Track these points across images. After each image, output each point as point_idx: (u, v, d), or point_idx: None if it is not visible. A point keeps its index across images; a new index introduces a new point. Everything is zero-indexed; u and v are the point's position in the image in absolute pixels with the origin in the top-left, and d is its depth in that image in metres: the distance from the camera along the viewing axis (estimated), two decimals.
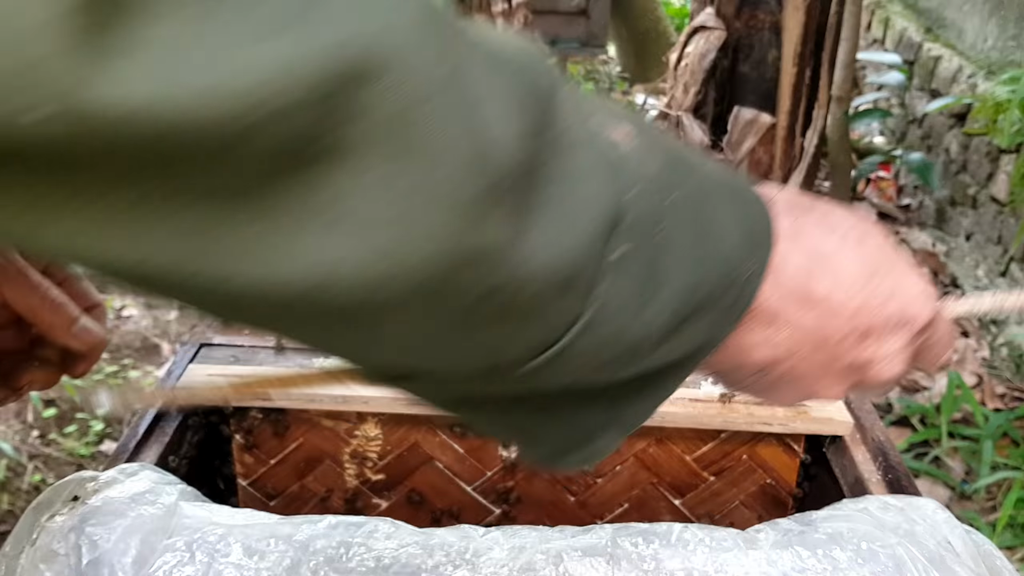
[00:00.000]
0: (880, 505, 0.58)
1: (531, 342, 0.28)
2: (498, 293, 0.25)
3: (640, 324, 0.29)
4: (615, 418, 0.35)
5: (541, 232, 0.25)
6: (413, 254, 0.22)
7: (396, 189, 0.21)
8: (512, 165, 0.23)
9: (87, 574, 0.53)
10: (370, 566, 0.54)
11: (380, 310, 0.24)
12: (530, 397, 0.31)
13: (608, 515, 0.78)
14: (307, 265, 0.21)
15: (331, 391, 0.71)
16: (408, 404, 0.71)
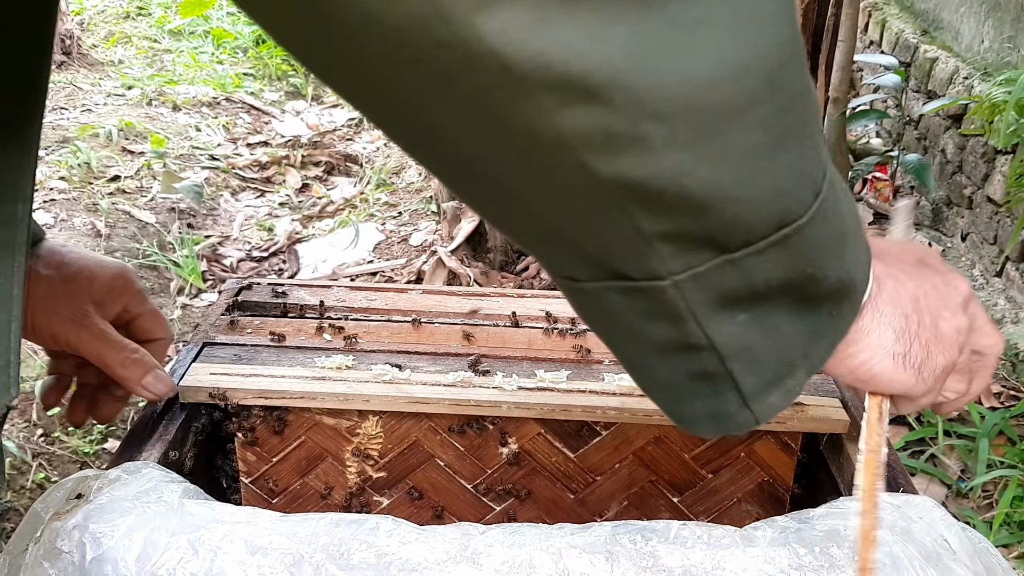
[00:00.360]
0: None
1: (804, 187, 0.35)
2: (802, 96, 0.34)
3: (841, 219, 0.38)
4: (811, 340, 0.40)
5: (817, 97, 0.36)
6: (759, 52, 0.31)
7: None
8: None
9: (91, 571, 0.53)
10: (371, 563, 0.54)
11: (742, 105, 0.31)
12: (762, 290, 0.36)
13: (607, 512, 0.78)
14: (708, 62, 0.30)
15: (333, 389, 0.72)
16: (408, 402, 0.72)
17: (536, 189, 0.33)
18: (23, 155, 0.44)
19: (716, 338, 0.37)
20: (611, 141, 0.30)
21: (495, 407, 0.72)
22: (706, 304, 0.36)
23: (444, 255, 1.95)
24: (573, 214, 0.33)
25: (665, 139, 0.30)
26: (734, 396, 0.39)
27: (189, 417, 0.72)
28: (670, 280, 0.34)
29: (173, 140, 2.78)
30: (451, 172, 0.35)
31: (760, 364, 0.39)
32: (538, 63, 0.28)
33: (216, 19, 3.76)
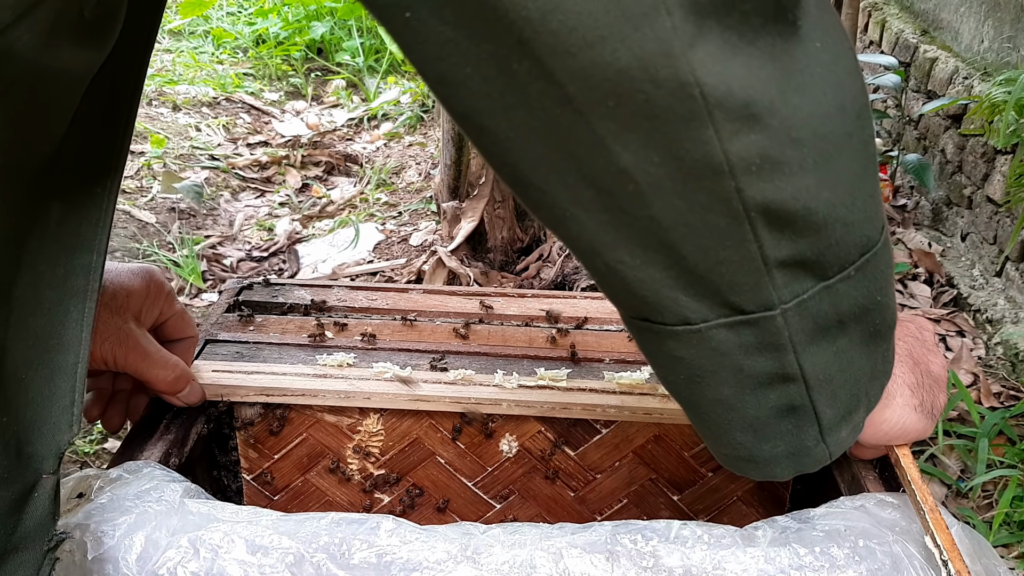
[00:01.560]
0: (877, 503, 0.59)
1: (879, 216, 0.40)
2: (873, 135, 0.40)
3: (892, 260, 0.43)
4: (871, 377, 0.45)
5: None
6: (849, 95, 0.37)
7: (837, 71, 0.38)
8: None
9: (92, 571, 0.54)
10: (372, 563, 0.54)
11: (844, 137, 0.37)
12: (844, 317, 0.41)
13: (607, 511, 0.78)
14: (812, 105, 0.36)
15: (334, 387, 0.72)
16: (409, 400, 0.72)
17: (685, 220, 0.37)
18: (100, 210, 0.47)
19: (806, 367, 0.41)
20: (764, 165, 0.35)
21: (495, 405, 0.72)
22: (804, 332, 0.40)
23: (444, 255, 1.95)
24: (711, 245, 0.38)
25: (800, 163, 0.36)
26: (813, 430, 0.43)
27: (190, 416, 0.72)
28: (780, 309, 0.39)
29: (173, 140, 2.78)
30: (602, 224, 0.38)
31: (836, 397, 0.43)
32: (725, 91, 0.33)
33: (216, 19, 3.76)
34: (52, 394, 0.46)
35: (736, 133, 0.34)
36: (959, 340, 1.96)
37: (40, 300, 0.45)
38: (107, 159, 0.47)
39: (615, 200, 0.37)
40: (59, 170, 0.44)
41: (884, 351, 0.45)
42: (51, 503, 0.47)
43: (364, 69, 3.38)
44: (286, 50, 3.47)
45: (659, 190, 0.36)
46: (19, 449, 0.44)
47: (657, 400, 0.72)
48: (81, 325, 0.47)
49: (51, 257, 0.45)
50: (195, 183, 2.52)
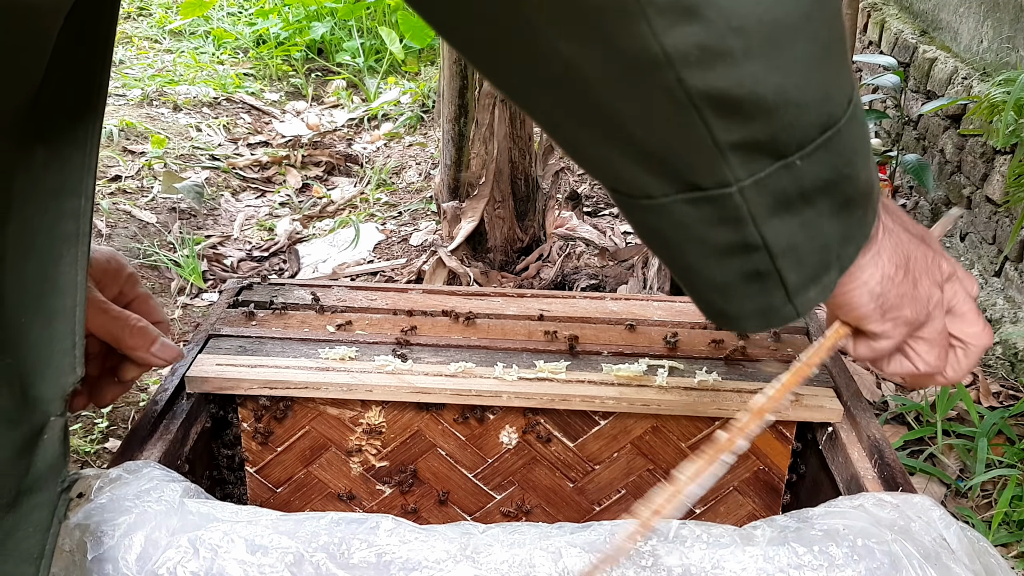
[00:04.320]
0: (876, 502, 0.59)
1: (841, 93, 0.41)
2: (838, 14, 0.40)
3: (865, 125, 0.43)
4: (843, 241, 0.46)
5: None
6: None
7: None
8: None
9: (92, 571, 0.54)
10: (372, 562, 0.54)
11: (799, 19, 0.37)
12: (809, 191, 0.42)
13: (605, 501, 0.79)
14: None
15: (336, 379, 0.73)
16: (410, 392, 0.72)
17: (634, 108, 0.39)
18: (84, 154, 0.47)
19: (769, 238, 0.43)
20: (703, 55, 0.36)
21: (496, 397, 0.72)
22: (764, 207, 0.41)
23: (444, 255, 1.95)
24: (662, 130, 0.39)
25: (744, 51, 0.36)
26: (780, 292, 0.45)
27: (190, 415, 0.72)
28: (736, 187, 0.41)
29: (174, 140, 2.78)
30: (558, 109, 0.41)
31: (803, 262, 0.44)
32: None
33: (217, 19, 3.77)
34: (52, 337, 0.47)
35: (671, 26, 0.35)
36: None
37: (32, 245, 0.45)
38: (87, 102, 0.47)
39: (566, 88, 0.39)
40: (40, 115, 0.45)
41: (860, 217, 0.46)
42: (61, 445, 0.47)
43: (364, 69, 3.38)
44: (286, 50, 3.47)
45: (604, 82, 0.38)
46: (24, 391, 0.45)
47: (655, 392, 0.72)
48: (75, 269, 0.47)
49: (39, 202, 0.46)
50: (196, 183, 2.52)
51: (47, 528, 0.47)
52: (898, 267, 0.49)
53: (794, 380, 0.54)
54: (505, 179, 1.91)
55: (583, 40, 0.36)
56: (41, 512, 0.46)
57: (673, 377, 0.75)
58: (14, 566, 0.45)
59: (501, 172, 1.90)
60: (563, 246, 1.99)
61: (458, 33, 0.40)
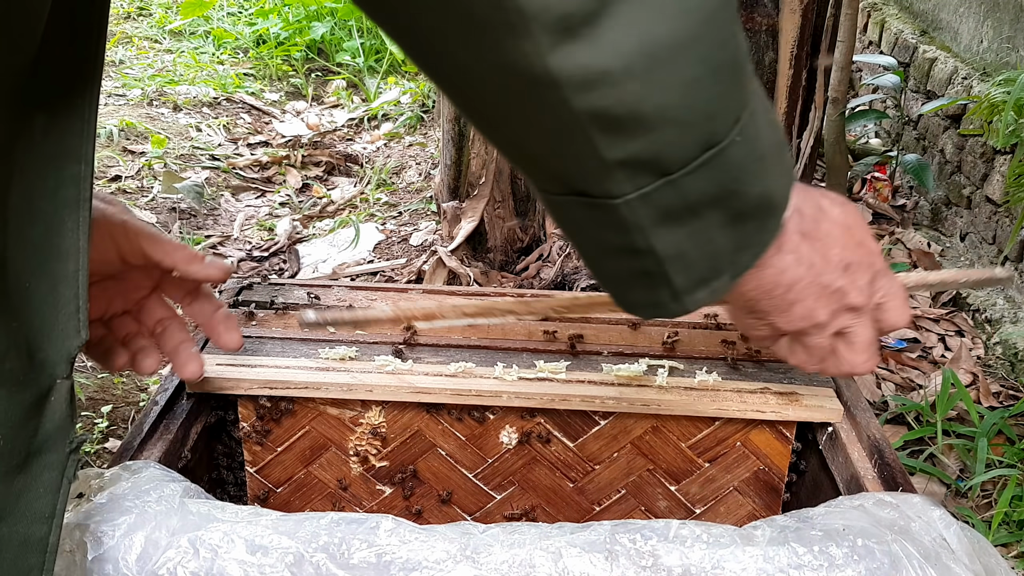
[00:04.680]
0: (876, 502, 0.59)
1: (727, 114, 0.43)
2: (733, 37, 0.42)
3: (760, 144, 0.45)
4: (736, 250, 0.48)
5: (743, 39, 0.44)
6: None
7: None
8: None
9: (92, 570, 0.54)
10: (372, 562, 0.54)
11: (685, 41, 0.39)
12: (695, 205, 0.44)
13: (606, 501, 0.79)
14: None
15: (336, 379, 0.73)
16: (410, 392, 0.72)
17: (523, 119, 0.41)
18: (83, 120, 0.48)
19: (657, 245, 0.45)
20: (587, 75, 0.38)
21: (496, 397, 0.72)
22: (650, 218, 0.44)
23: (444, 255, 1.95)
24: (550, 142, 0.42)
25: (626, 71, 0.38)
26: (668, 291, 0.48)
27: (190, 415, 0.72)
28: (622, 199, 0.43)
29: (174, 140, 2.78)
30: (462, 100, 0.43)
31: (691, 267, 0.47)
32: (540, 6, 0.36)
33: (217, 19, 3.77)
34: (57, 301, 0.48)
35: (554, 46, 0.37)
36: (958, 340, 1.96)
37: (35, 211, 0.47)
38: (84, 70, 0.48)
39: (465, 90, 0.42)
40: (38, 82, 0.46)
41: (756, 227, 0.48)
42: (68, 407, 0.49)
43: (364, 69, 3.38)
44: (286, 50, 3.47)
45: (496, 90, 0.40)
46: (31, 354, 0.46)
47: (655, 392, 0.72)
48: (77, 234, 0.48)
49: (40, 168, 0.47)
50: (196, 183, 2.52)
51: (57, 488, 0.47)
52: (777, 285, 0.52)
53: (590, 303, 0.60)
54: (505, 179, 1.91)
55: (474, 50, 0.38)
56: (51, 473, 0.47)
57: (673, 377, 0.75)
58: (27, 525, 0.46)
59: (501, 172, 1.90)
60: (563, 246, 1.99)
61: (384, 23, 0.42)
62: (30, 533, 0.46)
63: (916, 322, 2.02)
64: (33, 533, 0.46)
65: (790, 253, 0.51)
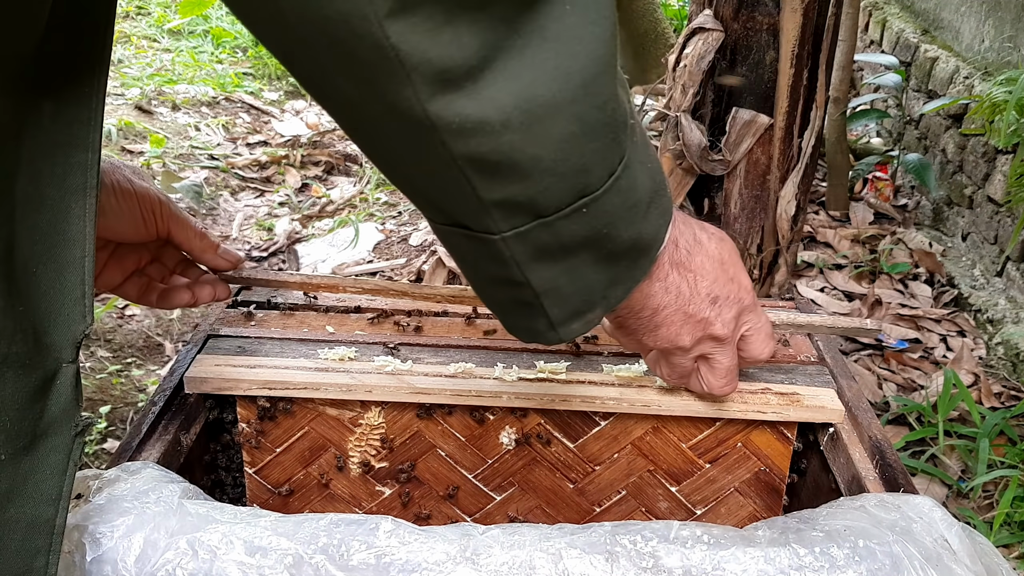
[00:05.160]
0: (877, 503, 0.59)
1: (601, 168, 0.46)
2: (611, 100, 0.44)
3: (634, 193, 0.49)
4: (609, 285, 0.52)
5: (625, 100, 0.47)
6: (580, 63, 0.41)
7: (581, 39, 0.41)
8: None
9: (91, 572, 0.53)
10: (371, 564, 0.54)
11: (562, 102, 0.41)
12: (569, 245, 0.47)
13: (606, 502, 0.78)
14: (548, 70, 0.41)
15: (336, 380, 0.72)
16: (410, 392, 0.72)
17: (405, 156, 0.44)
18: (89, 109, 0.49)
19: (532, 279, 0.48)
20: (464, 123, 0.40)
21: (496, 397, 0.72)
22: (526, 254, 0.47)
23: (444, 255, 1.95)
24: (431, 178, 0.44)
25: (503, 123, 0.41)
26: (544, 321, 0.51)
27: (189, 416, 0.72)
28: (499, 236, 0.46)
29: (172, 140, 2.78)
30: (352, 132, 0.45)
31: (565, 301, 0.50)
32: (421, 58, 0.38)
33: (215, 19, 3.76)
34: (63, 287, 0.49)
35: (434, 96, 0.39)
36: (960, 340, 1.96)
37: (42, 197, 0.47)
38: (91, 58, 0.49)
39: (352, 121, 0.44)
40: (45, 69, 0.47)
41: (627, 266, 0.52)
42: (73, 391, 0.49)
43: None
44: None
45: (379, 126, 0.42)
46: (37, 338, 0.47)
47: (655, 392, 0.72)
48: (83, 221, 0.49)
49: (48, 155, 0.47)
50: (194, 183, 2.52)
51: (63, 471, 0.48)
52: (644, 307, 0.57)
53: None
54: None
55: (357, 85, 0.40)
56: (57, 455, 0.48)
57: None
58: (34, 507, 0.47)
59: None
60: None
61: (266, 44, 0.43)
62: (37, 514, 0.47)
63: (918, 322, 2.02)
64: (40, 515, 0.47)
65: (659, 281, 0.56)
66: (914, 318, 2.02)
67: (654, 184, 0.51)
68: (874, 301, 2.05)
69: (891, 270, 2.19)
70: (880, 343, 1.92)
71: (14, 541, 0.46)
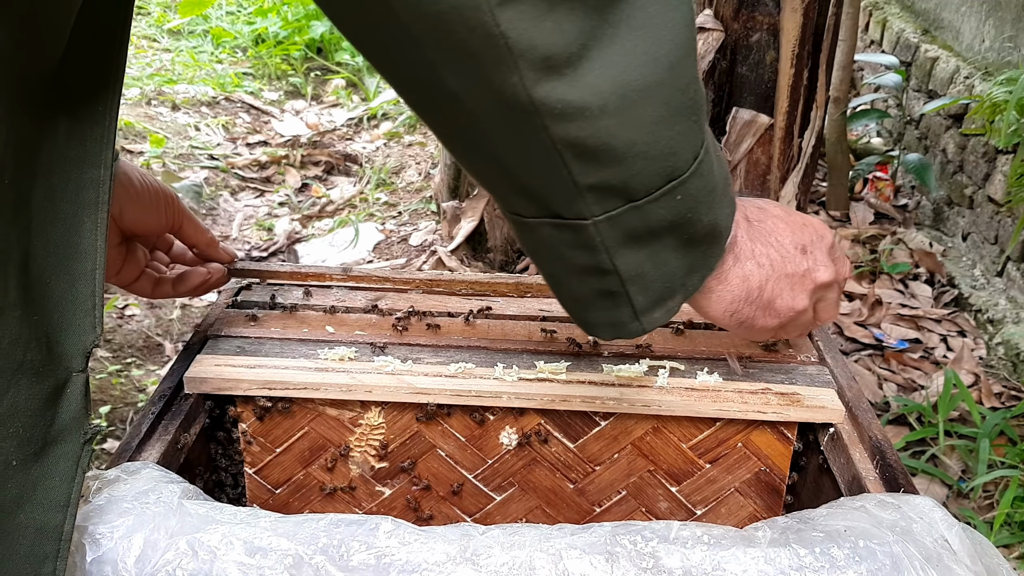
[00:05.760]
0: (877, 503, 0.59)
1: (687, 151, 0.47)
2: (693, 82, 0.46)
3: (713, 178, 0.50)
4: (688, 272, 0.53)
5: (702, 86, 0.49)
6: (666, 48, 0.44)
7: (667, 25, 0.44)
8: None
9: (91, 572, 0.53)
10: (371, 564, 0.54)
11: (652, 85, 0.43)
12: (655, 230, 0.49)
13: (606, 502, 0.78)
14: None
15: (335, 380, 0.72)
16: (410, 392, 0.72)
17: (507, 143, 0.45)
18: (103, 127, 0.51)
19: (620, 265, 0.50)
20: (566, 109, 0.42)
21: (496, 397, 0.72)
22: (615, 239, 0.48)
23: (444, 255, 1.95)
24: (529, 165, 0.46)
25: (600, 108, 0.43)
26: (628, 310, 0.52)
27: (189, 416, 0.72)
28: (591, 220, 0.47)
29: (172, 140, 2.78)
30: (449, 129, 0.47)
31: (649, 287, 0.52)
32: (528, 45, 0.40)
33: (215, 18, 3.76)
34: (75, 298, 0.50)
35: (539, 81, 0.41)
36: (960, 340, 1.95)
37: (56, 211, 0.49)
38: (105, 78, 0.51)
39: (451, 115, 0.45)
40: (62, 87, 0.48)
41: (704, 251, 0.53)
42: (83, 399, 0.51)
43: (364, 68, 3.38)
44: (285, 49, 3.46)
45: (482, 115, 0.44)
46: (50, 347, 0.49)
47: (656, 393, 0.72)
48: (95, 234, 0.51)
49: (62, 171, 0.49)
50: (194, 183, 2.52)
51: (72, 478, 0.49)
52: (750, 290, 0.58)
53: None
54: None
55: (464, 77, 0.42)
56: (66, 462, 0.49)
57: (674, 378, 0.74)
58: (43, 513, 0.48)
59: None
60: None
61: (365, 48, 0.45)
62: (46, 520, 0.48)
63: (918, 322, 2.01)
64: (49, 521, 0.48)
65: (749, 260, 0.57)
66: (914, 318, 2.02)
67: (723, 171, 0.53)
68: (874, 301, 2.05)
69: (891, 270, 2.18)
70: (880, 343, 1.92)
71: (23, 547, 0.47)
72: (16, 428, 0.46)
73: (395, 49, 0.42)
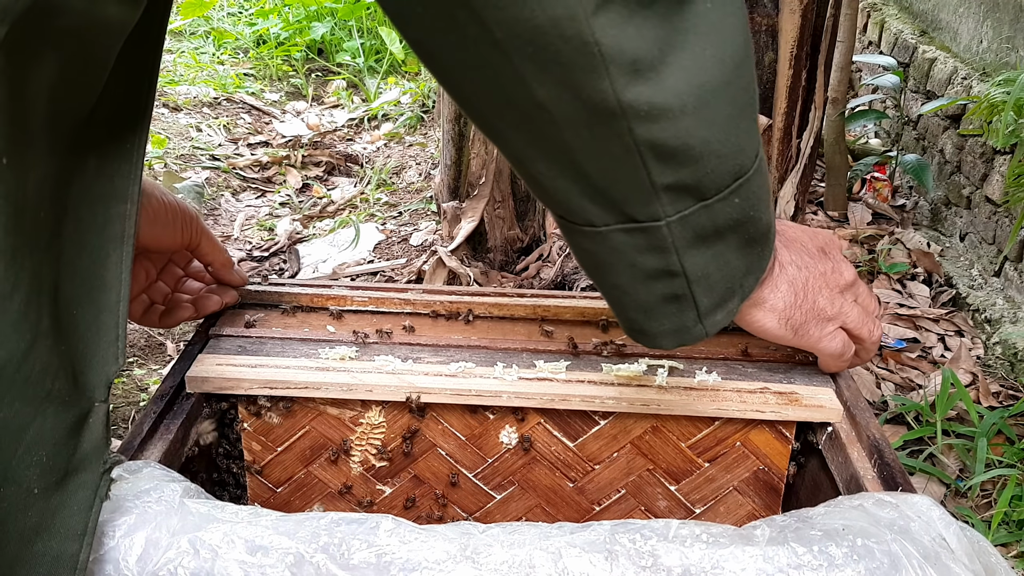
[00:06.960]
0: (875, 502, 0.59)
1: (751, 148, 0.50)
2: (753, 81, 0.49)
3: (767, 175, 0.51)
4: (746, 273, 0.55)
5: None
6: (729, 50, 0.46)
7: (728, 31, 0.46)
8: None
9: (93, 572, 0.54)
10: (372, 563, 0.54)
11: (721, 85, 0.46)
12: (721, 229, 0.51)
13: (605, 501, 0.79)
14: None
15: (336, 379, 0.73)
16: (410, 391, 0.72)
17: (589, 148, 0.46)
18: (131, 164, 0.52)
19: (687, 266, 0.51)
20: (651, 110, 0.44)
21: (495, 397, 0.72)
22: (685, 239, 0.50)
23: (444, 255, 1.95)
24: (609, 169, 0.47)
25: (681, 108, 0.45)
26: (693, 313, 0.54)
27: (191, 415, 0.72)
28: (665, 221, 0.49)
29: (174, 140, 2.78)
30: (525, 142, 0.48)
31: (712, 288, 0.53)
32: (617, 50, 0.42)
33: (217, 19, 3.77)
34: (99, 329, 0.51)
35: (627, 85, 0.43)
36: (958, 340, 1.96)
37: (84, 243, 0.50)
38: (135, 115, 0.52)
39: (534, 125, 0.46)
40: (95, 124, 0.49)
41: (759, 252, 0.55)
42: (104, 429, 0.51)
43: (364, 69, 3.38)
44: (287, 50, 3.47)
45: (568, 122, 0.45)
46: (75, 377, 0.49)
47: (655, 392, 0.73)
48: (120, 267, 0.52)
49: (91, 205, 0.50)
50: (196, 183, 2.52)
51: (90, 507, 0.50)
52: (797, 293, 0.60)
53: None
54: (505, 179, 1.91)
55: (554, 86, 0.43)
56: (85, 491, 0.49)
57: (673, 377, 0.75)
58: (60, 542, 0.48)
59: (501, 172, 1.90)
60: (563, 246, 1.99)
61: (437, 63, 0.46)
62: (63, 549, 0.48)
63: (916, 322, 2.02)
64: (66, 550, 0.48)
65: (789, 264, 0.60)
66: (912, 318, 2.03)
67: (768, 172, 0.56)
68: None
69: (889, 270, 2.19)
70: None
71: (39, 575, 0.47)
72: (40, 456, 0.46)
73: (479, 65, 0.44)
